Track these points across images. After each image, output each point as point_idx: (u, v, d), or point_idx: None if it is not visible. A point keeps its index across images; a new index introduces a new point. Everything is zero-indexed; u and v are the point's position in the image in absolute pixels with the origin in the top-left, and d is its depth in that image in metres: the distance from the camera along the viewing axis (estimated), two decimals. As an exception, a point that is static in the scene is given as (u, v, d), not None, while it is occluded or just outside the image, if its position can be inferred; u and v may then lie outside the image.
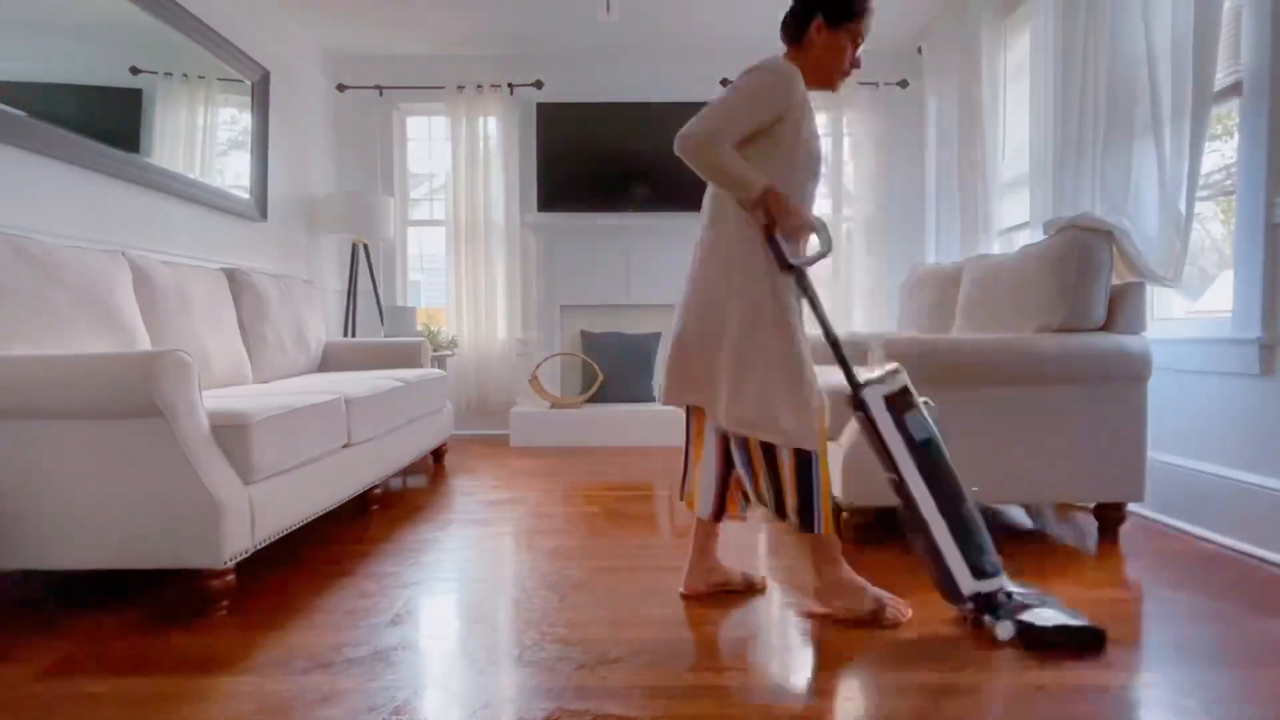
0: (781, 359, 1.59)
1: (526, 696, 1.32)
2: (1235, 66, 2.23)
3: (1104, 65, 2.55)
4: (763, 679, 1.38)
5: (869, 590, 1.63)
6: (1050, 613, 1.52)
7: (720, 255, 1.65)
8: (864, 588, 1.64)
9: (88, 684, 1.38)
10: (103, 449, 1.69)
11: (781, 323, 1.60)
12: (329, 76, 4.58)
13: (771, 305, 1.60)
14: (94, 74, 2.58)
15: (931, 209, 4.39)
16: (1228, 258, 2.47)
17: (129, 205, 2.77)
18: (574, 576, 1.95)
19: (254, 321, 3.04)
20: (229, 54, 3.38)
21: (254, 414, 1.81)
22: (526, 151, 4.61)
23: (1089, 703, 1.28)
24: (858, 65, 1.71)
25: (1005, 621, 1.51)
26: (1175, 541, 2.24)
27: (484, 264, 4.58)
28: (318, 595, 1.84)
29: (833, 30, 1.65)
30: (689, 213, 4.52)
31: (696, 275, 1.70)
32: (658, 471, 3.41)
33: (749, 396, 1.59)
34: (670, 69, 4.60)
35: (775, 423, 1.58)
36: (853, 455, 2.16)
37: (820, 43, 1.66)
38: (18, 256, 1.92)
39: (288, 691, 1.34)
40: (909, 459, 1.56)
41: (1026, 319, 2.33)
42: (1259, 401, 2.15)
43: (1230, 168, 2.36)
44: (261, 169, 3.71)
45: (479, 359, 4.62)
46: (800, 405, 1.58)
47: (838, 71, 1.70)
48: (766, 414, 1.58)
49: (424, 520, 2.56)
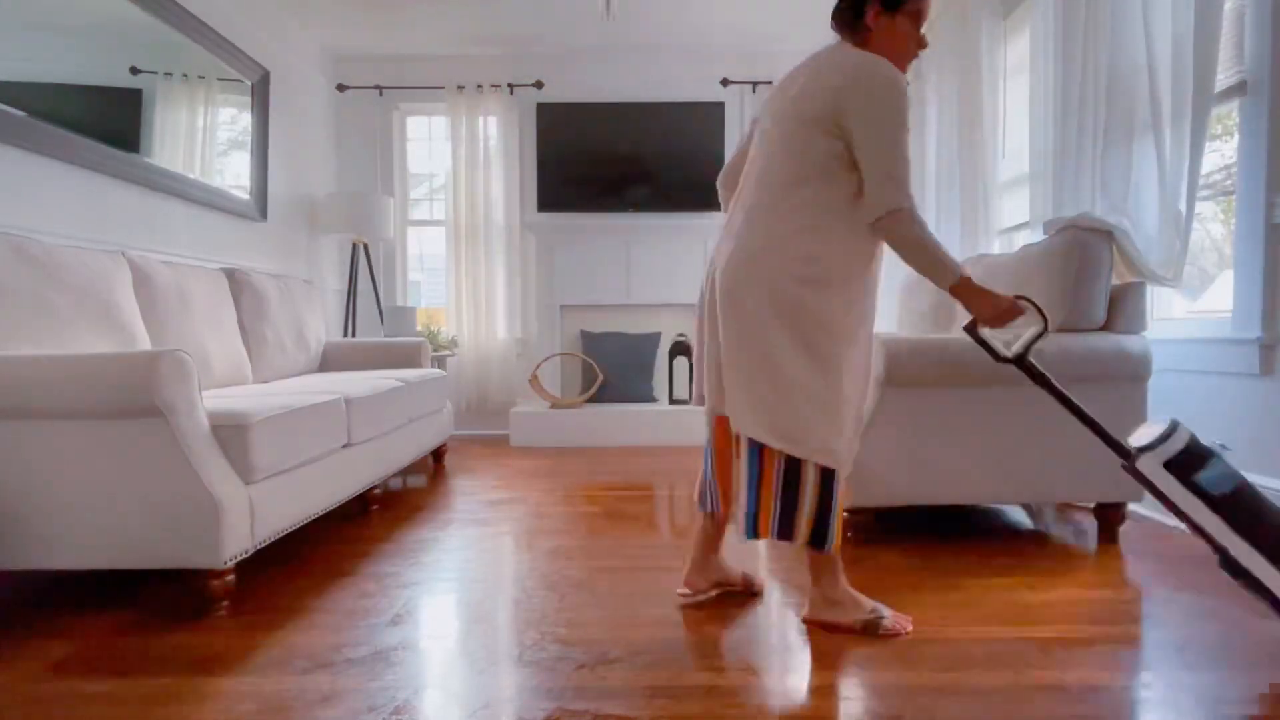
0: (824, 372, 1.50)
1: (526, 696, 1.32)
2: (1236, 67, 2.23)
3: (1104, 65, 2.55)
4: (763, 679, 1.38)
5: (865, 603, 1.60)
6: None
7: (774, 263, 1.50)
8: (861, 600, 1.60)
9: (88, 684, 1.38)
10: (103, 449, 1.69)
11: (837, 332, 1.50)
12: (329, 76, 4.58)
13: (830, 313, 1.49)
14: (94, 74, 2.58)
15: (931, 209, 4.38)
16: (1228, 258, 2.47)
17: (129, 205, 2.77)
18: (574, 576, 1.95)
19: (254, 321, 3.04)
20: (229, 54, 3.38)
21: (254, 414, 1.81)
22: (526, 151, 4.61)
23: (1089, 703, 1.28)
24: (924, 45, 1.58)
25: None
26: (1175, 541, 2.24)
27: (484, 264, 4.58)
28: (318, 595, 1.84)
29: (890, 15, 1.54)
30: (689, 213, 4.53)
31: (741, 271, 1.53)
32: (658, 471, 3.41)
33: (788, 408, 1.50)
34: (670, 69, 4.60)
35: (809, 439, 1.50)
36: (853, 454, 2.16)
37: (879, 29, 1.54)
38: (18, 256, 1.92)
39: (288, 691, 1.34)
40: (1216, 520, 1.35)
41: (1026, 319, 2.33)
42: (1259, 401, 2.15)
43: (1230, 168, 2.36)
44: (261, 169, 3.71)
45: (479, 359, 4.62)
46: (838, 424, 1.51)
47: (905, 57, 1.57)
48: (805, 429, 1.50)
49: (424, 520, 2.56)
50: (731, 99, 4.56)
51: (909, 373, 2.11)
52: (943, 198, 4.12)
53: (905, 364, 2.10)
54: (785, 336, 1.50)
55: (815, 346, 1.50)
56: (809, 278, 1.49)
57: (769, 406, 1.51)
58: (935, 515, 2.52)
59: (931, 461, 2.17)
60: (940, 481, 2.17)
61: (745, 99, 4.58)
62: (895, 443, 2.15)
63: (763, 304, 1.50)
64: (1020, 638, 1.54)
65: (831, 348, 1.50)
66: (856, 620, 1.57)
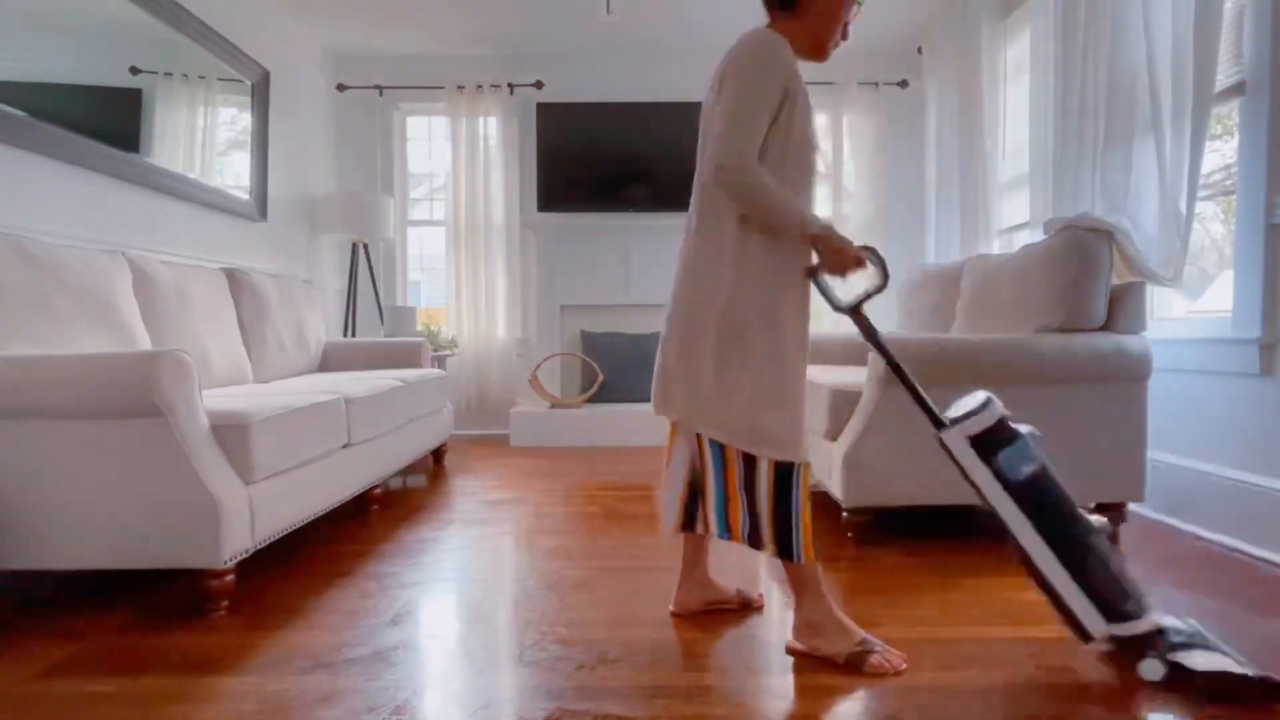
0: (770, 362, 1.46)
1: (526, 696, 1.32)
2: (1236, 66, 2.23)
3: (1104, 65, 2.55)
4: (763, 679, 1.38)
5: (855, 633, 1.45)
6: (1208, 657, 1.30)
7: (712, 259, 1.49)
8: (849, 628, 1.46)
9: (88, 684, 1.38)
10: (103, 449, 1.69)
11: (775, 322, 1.46)
12: (329, 76, 4.58)
13: (766, 304, 1.46)
14: (94, 74, 2.58)
15: (931, 209, 4.38)
16: (1228, 258, 2.47)
17: (129, 205, 2.77)
18: (574, 576, 1.95)
19: (254, 321, 3.04)
20: (229, 54, 3.38)
21: (254, 414, 1.81)
22: (526, 152, 4.61)
23: (1089, 703, 1.28)
24: (846, 36, 1.53)
25: (1153, 661, 1.32)
26: (1175, 541, 2.24)
27: (484, 264, 4.58)
28: (318, 595, 1.84)
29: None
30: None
31: (683, 281, 1.54)
32: (658, 471, 3.41)
33: (735, 403, 1.46)
34: (670, 69, 4.60)
35: (758, 432, 1.45)
36: (853, 455, 2.16)
37: (819, 6, 1.48)
38: (18, 256, 1.92)
39: (288, 691, 1.34)
40: (1007, 500, 1.38)
41: (1027, 319, 2.33)
42: (1259, 401, 2.15)
43: (1230, 168, 2.36)
44: (261, 169, 3.71)
45: (479, 359, 4.62)
46: (786, 413, 1.45)
47: (831, 37, 1.52)
48: (750, 423, 1.45)
49: (424, 520, 2.56)
50: (731, 99, 4.55)
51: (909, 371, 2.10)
52: (943, 198, 4.12)
53: (906, 363, 2.10)
54: None
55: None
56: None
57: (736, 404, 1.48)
58: (935, 515, 2.52)
59: (931, 461, 2.17)
60: (940, 481, 2.17)
61: (745, 99, 4.58)
62: (895, 443, 2.15)
63: None
64: (1020, 638, 1.54)
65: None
66: (840, 652, 1.43)
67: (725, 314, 1.46)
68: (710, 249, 1.49)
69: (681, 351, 1.52)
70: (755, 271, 1.46)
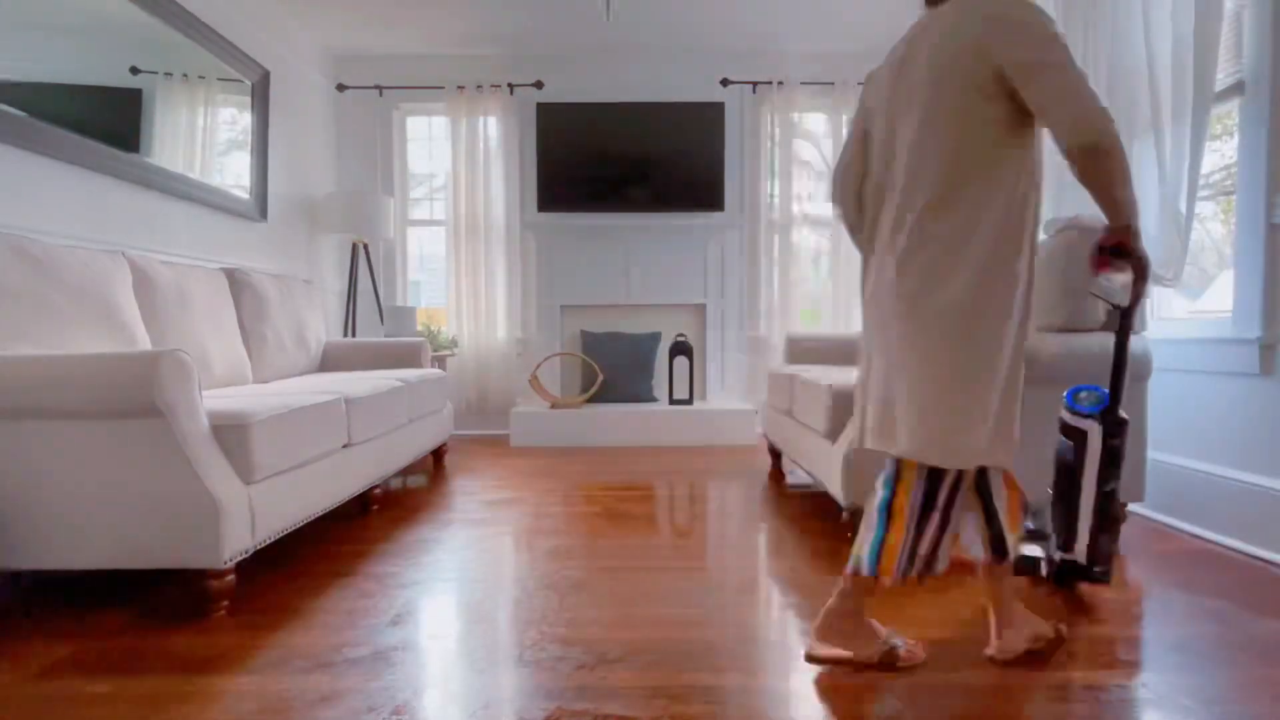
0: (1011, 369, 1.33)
1: (526, 696, 1.32)
2: (1236, 67, 2.23)
3: (1104, 65, 2.55)
4: (763, 679, 1.38)
5: (880, 631, 1.43)
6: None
7: (963, 254, 1.29)
8: (876, 629, 1.43)
9: (88, 684, 1.38)
10: (103, 449, 1.69)
11: (1011, 336, 1.33)
12: (329, 76, 4.58)
13: (1011, 318, 1.32)
14: (94, 74, 2.58)
15: (931, 209, 4.38)
16: (1228, 258, 2.47)
17: (129, 205, 2.77)
18: (574, 576, 1.95)
19: (254, 321, 3.04)
20: (229, 54, 3.38)
21: (254, 414, 1.81)
22: (526, 152, 4.61)
23: (1089, 702, 1.28)
24: None
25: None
26: (1175, 541, 2.24)
27: (484, 264, 4.58)
28: (318, 595, 1.84)
29: None
30: (688, 213, 4.53)
31: (912, 299, 1.34)
32: (658, 471, 3.41)
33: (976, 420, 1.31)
34: (670, 69, 4.60)
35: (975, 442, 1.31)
36: (853, 455, 2.16)
37: None
38: (18, 256, 1.92)
39: (288, 691, 1.34)
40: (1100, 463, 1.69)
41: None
42: (1259, 401, 2.15)
43: (1230, 168, 2.36)
44: (261, 169, 3.71)
45: (479, 359, 4.62)
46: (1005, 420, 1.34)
47: None
48: (985, 437, 1.31)
49: (424, 520, 2.56)
50: (731, 99, 4.56)
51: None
52: (943, 198, 4.11)
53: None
54: None
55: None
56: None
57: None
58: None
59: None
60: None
61: (745, 99, 4.58)
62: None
63: None
64: (1020, 638, 1.54)
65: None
66: (871, 655, 1.40)
67: (972, 332, 1.31)
68: (960, 248, 1.31)
69: (928, 379, 1.33)
70: (1014, 275, 1.32)
